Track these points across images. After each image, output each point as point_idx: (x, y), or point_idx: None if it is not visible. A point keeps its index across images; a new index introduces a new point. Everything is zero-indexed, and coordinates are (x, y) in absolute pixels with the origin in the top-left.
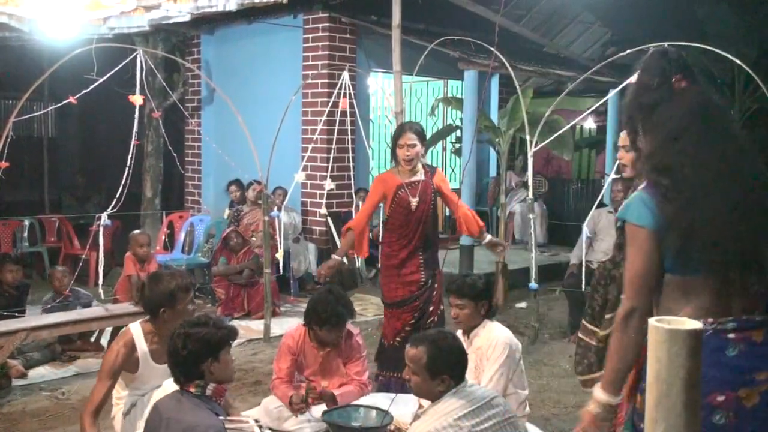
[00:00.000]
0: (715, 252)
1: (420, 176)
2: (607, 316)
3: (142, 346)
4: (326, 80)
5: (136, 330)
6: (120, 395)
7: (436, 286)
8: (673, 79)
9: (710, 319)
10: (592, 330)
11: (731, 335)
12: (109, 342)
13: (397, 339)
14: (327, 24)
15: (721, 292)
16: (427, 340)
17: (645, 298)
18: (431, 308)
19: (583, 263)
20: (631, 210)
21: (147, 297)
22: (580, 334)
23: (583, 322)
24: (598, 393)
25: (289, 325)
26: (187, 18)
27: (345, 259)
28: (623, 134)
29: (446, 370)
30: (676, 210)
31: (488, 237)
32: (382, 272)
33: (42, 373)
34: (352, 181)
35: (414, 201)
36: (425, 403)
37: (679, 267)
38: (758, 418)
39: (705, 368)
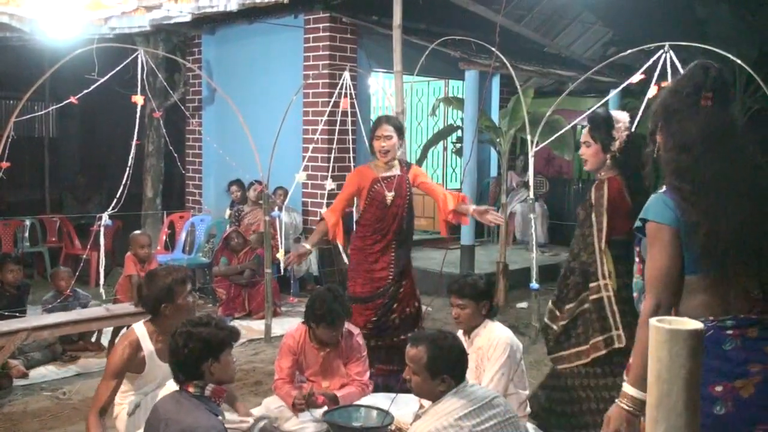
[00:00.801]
0: (729, 255)
1: (396, 171)
2: (567, 307)
3: (147, 346)
4: (327, 80)
5: (140, 330)
6: (124, 395)
7: (404, 283)
8: (703, 95)
9: (711, 317)
10: (556, 314)
11: (729, 331)
12: (110, 342)
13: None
14: (328, 24)
15: (722, 292)
16: (427, 339)
17: (669, 294)
18: (395, 305)
19: None
20: (653, 210)
21: (146, 295)
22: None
23: (550, 305)
24: (628, 388)
25: (289, 325)
26: (188, 18)
27: (346, 259)
28: (585, 131)
29: (447, 369)
30: (698, 213)
31: (473, 207)
32: (351, 266)
33: (43, 373)
34: None
35: (390, 195)
36: (426, 403)
37: (690, 266)
38: (754, 406)
39: (704, 360)
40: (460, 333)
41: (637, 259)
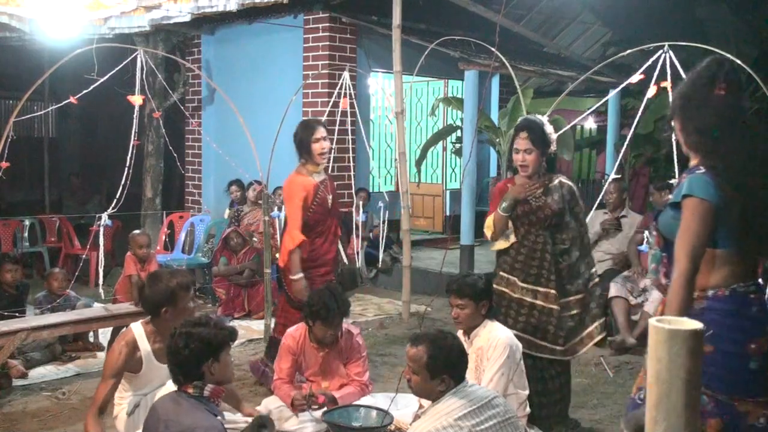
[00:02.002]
0: (761, 228)
1: (324, 175)
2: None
3: (145, 346)
4: (327, 80)
5: (138, 330)
6: (123, 395)
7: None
8: (717, 85)
9: (741, 283)
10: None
11: (752, 296)
12: (110, 342)
13: None
14: (327, 24)
15: (747, 262)
16: (428, 339)
17: (699, 263)
18: None
19: None
20: (698, 187)
21: (147, 297)
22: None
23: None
24: None
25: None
26: (187, 18)
27: (345, 259)
28: (524, 139)
29: (446, 370)
30: (731, 190)
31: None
32: (299, 274)
33: (42, 373)
34: (353, 181)
35: (330, 198)
36: (425, 403)
37: (722, 240)
38: None
39: (740, 320)
40: (459, 333)
41: (654, 233)
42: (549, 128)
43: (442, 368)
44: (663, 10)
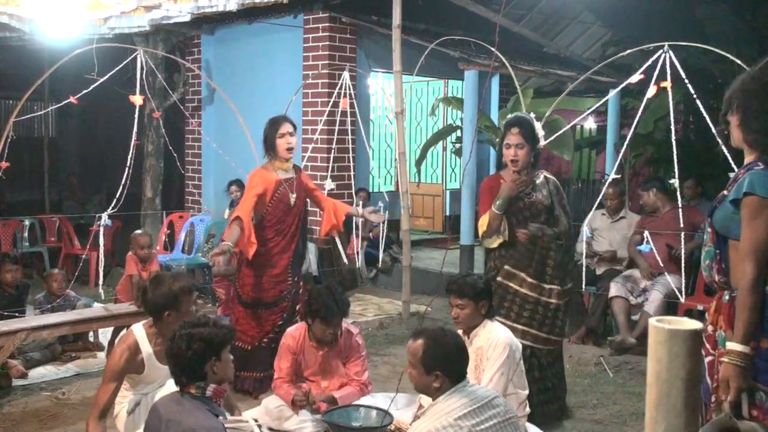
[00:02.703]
0: None
1: (292, 173)
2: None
3: (146, 348)
4: (326, 80)
5: (139, 332)
6: (124, 394)
7: (301, 284)
8: None
9: None
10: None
11: None
12: (110, 342)
13: (265, 340)
14: (327, 24)
15: None
16: (427, 334)
17: (764, 264)
18: (299, 306)
19: (584, 263)
20: (759, 184)
21: (150, 300)
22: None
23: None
24: (736, 346)
25: (289, 325)
26: (187, 18)
27: (345, 259)
28: (515, 134)
29: (440, 366)
30: None
31: (358, 209)
32: (247, 271)
33: (42, 373)
34: (353, 181)
35: (293, 197)
36: (425, 403)
37: None
38: None
39: None
40: (459, 333)
41: (709, 229)
42: (538, 125)
43: (437, 364)
44: (663, 10)
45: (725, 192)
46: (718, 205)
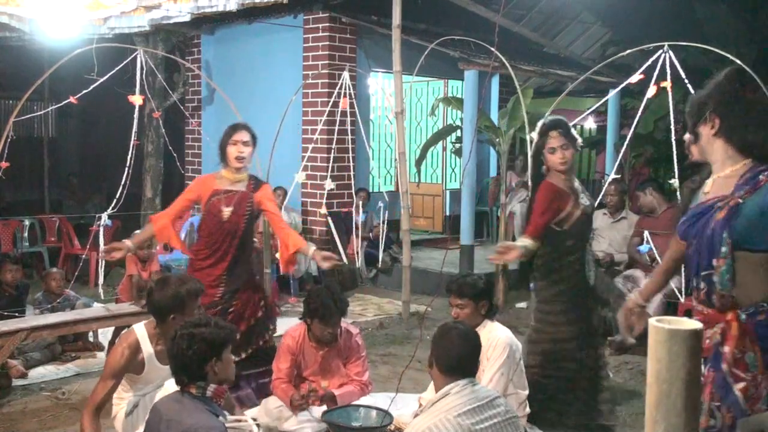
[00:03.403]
0: None
1: (241, 186)
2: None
3: (147, 348)
4: (326, 80)
5: (140, 331)
6: (122, 396)
7: (234, 303)
8: (745, 88)
9: None
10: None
11: None
12: (110, 341)
13: None
14: (327, 24)
15: None
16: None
17: None
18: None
19: None
20: None
21: (156, 301)
22: None
23: None
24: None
25: (289, 325)
26: (187, 18)
27: (345, 260)
28: (558, 137)
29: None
30: None
31: (313, 248)
32: (189, 270)
33: (42, 373)
34: (352, 181)
35: (226, 211)
36: (425, 402)
37: None
38: None
39: None
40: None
41: (729, 240)
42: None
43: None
44: (663, 10)
45: (739, 199)
46: (731, 214)
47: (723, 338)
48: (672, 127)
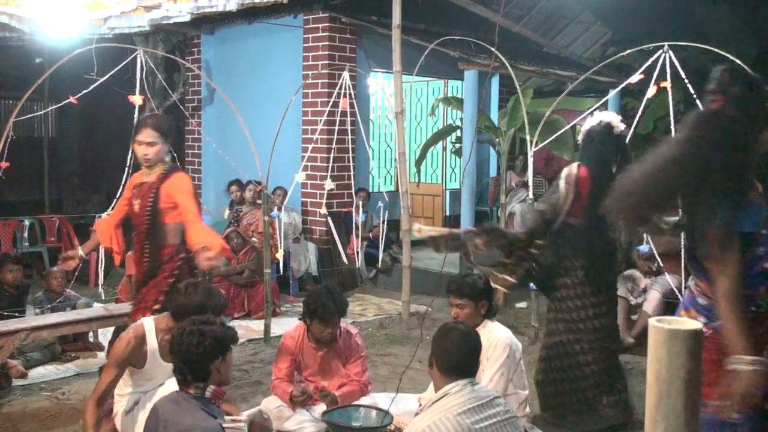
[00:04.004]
0: None
1: (152, 178)
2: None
3: (152, 342)
4: (326, 80)
5: (149, 325)
6: (123, 392)
7: (143, 289)
8: (712, 97)
9: None
10: None
11: None
12: (110, 341)
13: None
14: (327, 24)
15: None
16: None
17: None
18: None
19: None
20: None
21: (181, 303)
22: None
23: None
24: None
25: (289, 325)
26: (187, 18)
27: (345, 259)
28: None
29: (453, 362)
30: None
31: (203, 251)
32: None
33: (42, 373)
34: (352, 181)
35: (135, 204)
36: (425, 401)
37: None
38: None
39: None
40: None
41: None
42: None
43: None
44: (663, 10)
45: None
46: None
47: None
48: (672, 127)
